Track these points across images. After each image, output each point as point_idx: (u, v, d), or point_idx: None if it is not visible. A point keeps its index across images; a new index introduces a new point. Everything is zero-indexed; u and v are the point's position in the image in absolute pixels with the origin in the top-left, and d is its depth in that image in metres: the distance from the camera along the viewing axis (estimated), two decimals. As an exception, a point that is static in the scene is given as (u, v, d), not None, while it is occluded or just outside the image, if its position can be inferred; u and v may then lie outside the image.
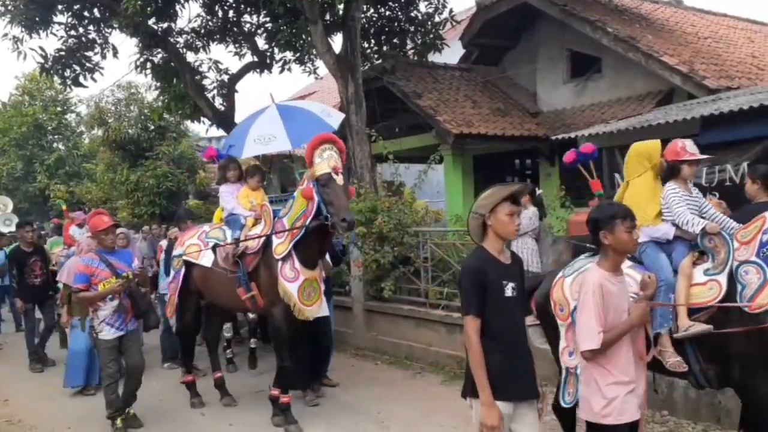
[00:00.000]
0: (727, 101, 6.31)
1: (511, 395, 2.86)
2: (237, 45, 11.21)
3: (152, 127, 13.97)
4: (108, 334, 5.02)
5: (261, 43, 11.02)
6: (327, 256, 5.69)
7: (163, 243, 7.57)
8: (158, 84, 11.14)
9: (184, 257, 5.72)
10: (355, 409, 5.63)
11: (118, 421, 5.13)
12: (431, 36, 10.93)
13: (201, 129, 17.78)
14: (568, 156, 5.89)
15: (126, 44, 33.37)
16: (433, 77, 12.24)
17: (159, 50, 10.80)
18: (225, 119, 10.57)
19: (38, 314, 7.99)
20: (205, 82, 11.01)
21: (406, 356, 7.16)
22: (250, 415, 5.56)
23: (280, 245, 5.01)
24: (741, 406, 3.70)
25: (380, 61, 11.21)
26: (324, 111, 6.11)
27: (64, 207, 11.14)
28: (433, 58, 11.99)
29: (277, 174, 9.13)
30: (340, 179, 4.66)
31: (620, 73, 10.80)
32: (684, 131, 6.01)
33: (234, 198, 5.65)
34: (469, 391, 2.92)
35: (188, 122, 14.06)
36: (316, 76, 11.84)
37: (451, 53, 12.61)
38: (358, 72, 8.94)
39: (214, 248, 5.50)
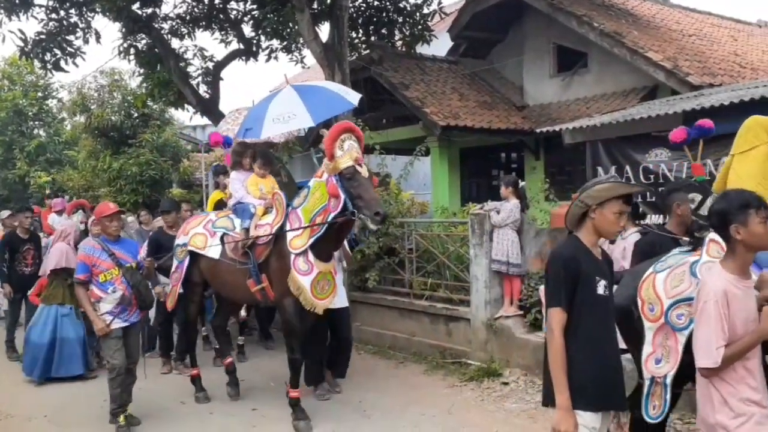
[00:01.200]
0: (709, 97, 6.39)
1: (602, 405, 2.58)
2: (223, 32, 11.07)
3: (136, 115, 13.78)
4: (112, 324, 4.81)
5: (247, 30, 10.91)
6: (346, 246, 5.58)
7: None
8: (142, 70, 10.98)
9: (189, 248, 5.48)
10: (337, 397, 5.65)
11: (121, 419, 4.89)
12: (419, 27, 10.90)
13: (186, 117, 17.64)
14: (677, 134, 5.14)
15: (109, 29, 32.90)
16: (420, 69, 12.23)
17: (143, 36, 10.64)
18: (209, 107, 10.45)
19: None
20: (190, 69, 10.86)
21: (389, 346, 7.20)
22: (230, 404, 5.56)
23: (297, 238, 4.80)
24: None
25: (368, 51, 11.17)
26: (341, 89, 5.91)
27: (46, 191, 10.93)
28: (421, 49, 11.97)
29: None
30: (364, 171, 4.48)
31: (606, 69, 10.87)
32: (666, 126, 6.07)
33: (243, 186, 5.47)
34: (552, 399, 2.59)
35: (172, 110, 13.92)
36: (303, 65, 11.74)
37: (439, 45, 12.60)
38: (345, 61, 8.89)
39: (222, 238, 5.30)
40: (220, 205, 7.41)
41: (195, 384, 5.69)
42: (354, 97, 5.67)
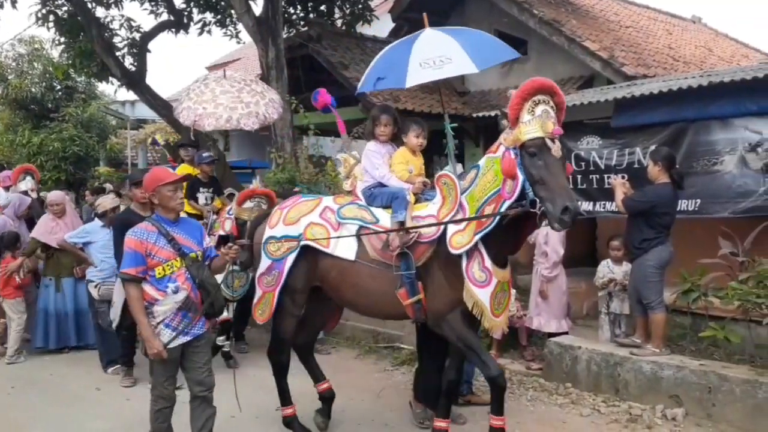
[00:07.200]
0: (640, 86, 6.50)
1: None
2: (153, 2, 10.47)
3: (59, 87, 12.99)
4: (167, 340, 3.57)
5: (178, 1, 10.36)
6: None
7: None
8: (63, 39, 10.25)
9: (305, 242, 4.08)
10: (264, 383, 5.44)
11: None
12: (360, 6, 10.67)
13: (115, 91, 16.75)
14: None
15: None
16: (361, 49, 11.97)
17: (64, 2, 9.92)
18: (135, 80, 9.86)
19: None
20: (115, 39, 10.22)
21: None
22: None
23: (458, 234, 3.67)
24: None
25: (306, 28, 10.85)
26: (497, 39, 4.65)
27: None
28: (362, 30, 11.73)
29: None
30: (557, 149, 3.30)
31: (544, 57, 10.97)
32: (599, 113, 6.15)
33: (385, 162, 4.18)
34: None
35: (101, 84, 13.14)
36: (237, 40, 11.30)
37: (381, 26, 12.40)
38: (280, 37, 8.57)
39: (358, 233, 4.05)
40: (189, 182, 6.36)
41: (291, 427, 4.53)
42: (513, 50, 4.62)
